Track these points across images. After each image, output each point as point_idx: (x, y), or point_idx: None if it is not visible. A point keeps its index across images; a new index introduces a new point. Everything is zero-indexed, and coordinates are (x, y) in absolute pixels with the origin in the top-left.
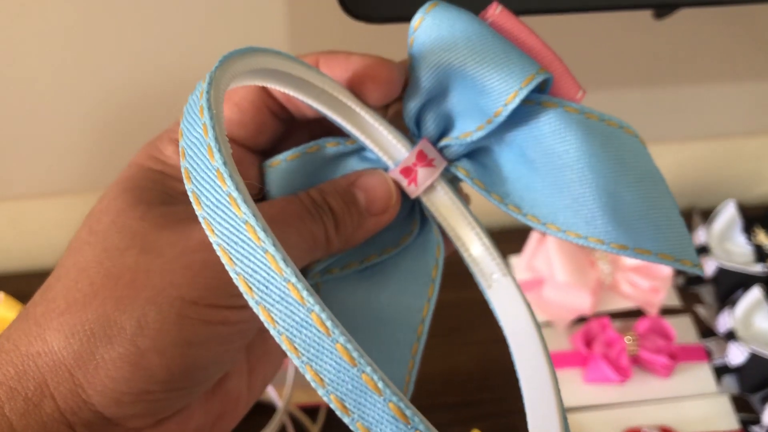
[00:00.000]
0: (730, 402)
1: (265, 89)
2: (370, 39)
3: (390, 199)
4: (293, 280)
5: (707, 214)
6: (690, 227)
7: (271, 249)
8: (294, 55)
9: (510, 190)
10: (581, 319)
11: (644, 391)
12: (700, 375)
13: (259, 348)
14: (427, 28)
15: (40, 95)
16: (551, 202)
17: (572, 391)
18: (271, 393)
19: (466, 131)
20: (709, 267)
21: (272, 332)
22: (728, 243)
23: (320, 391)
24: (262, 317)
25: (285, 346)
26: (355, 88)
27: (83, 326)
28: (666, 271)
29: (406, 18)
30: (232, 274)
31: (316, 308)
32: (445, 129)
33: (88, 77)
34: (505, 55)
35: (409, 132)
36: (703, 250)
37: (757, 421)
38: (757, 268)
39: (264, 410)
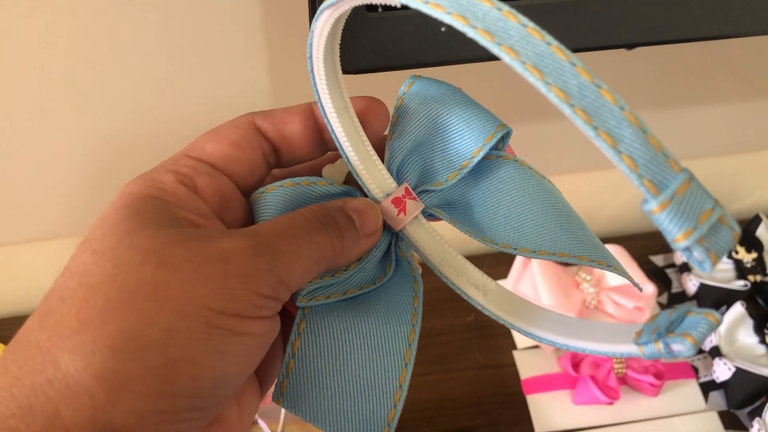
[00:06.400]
0: (719, 418)
1: (260, 132)
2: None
3: (378, 221)
4: (555, 42)
5: None
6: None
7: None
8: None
9: (480, 226)
10: None
11: (633, 411)
12: (688, 392)
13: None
14: (418, 89)
15: (29, 145)
16: (517, 230)
17: (562, 414)
18: (265, 428)
19: (439, 180)
20: (692, 284)
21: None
22: None
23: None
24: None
25: (555, 95)
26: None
27: (104, 342)
28: (649, 290)
29: (377, 69)
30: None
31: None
32: (421, 178)
33: (75, 126)
34: (476, 115)
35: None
36: (685, 268)
37: None
38: (739, 284)
39: None
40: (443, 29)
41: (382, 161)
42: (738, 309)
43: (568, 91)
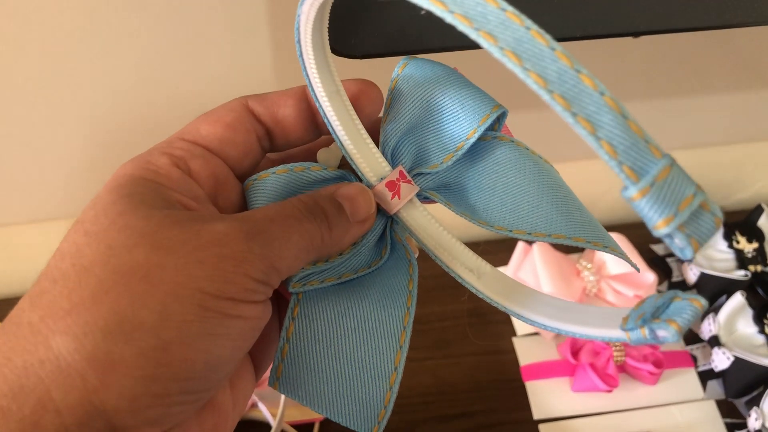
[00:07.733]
0: (716, 407)
1: (254, 115)
2: (351, 72)
3: (370, 207)
4: (534, 27)
5: None
6: None
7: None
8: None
9: (475, 209)
10: None
11: (632, 399)
12: (687, 381)
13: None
14: (412, 71)
15: (29, 125)
16: (513, 212)
17: (561, 400)
18: (265, 411)
19: (434, 163)
20: (692, 273)
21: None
22: (710, 249)
23: (542, 91)
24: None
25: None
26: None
27: (96, 324)
28: (650, 279)
29: (384, 54)
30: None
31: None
32: (416, 161)
33: (75, 107)
34: (470, 95)
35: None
36: None
37: (743, 425)
38: (739, 274)
39: (258, 429)
40: (422, 12)
41: (377, 145)
42: (738, 299)
43: (546, 77)
